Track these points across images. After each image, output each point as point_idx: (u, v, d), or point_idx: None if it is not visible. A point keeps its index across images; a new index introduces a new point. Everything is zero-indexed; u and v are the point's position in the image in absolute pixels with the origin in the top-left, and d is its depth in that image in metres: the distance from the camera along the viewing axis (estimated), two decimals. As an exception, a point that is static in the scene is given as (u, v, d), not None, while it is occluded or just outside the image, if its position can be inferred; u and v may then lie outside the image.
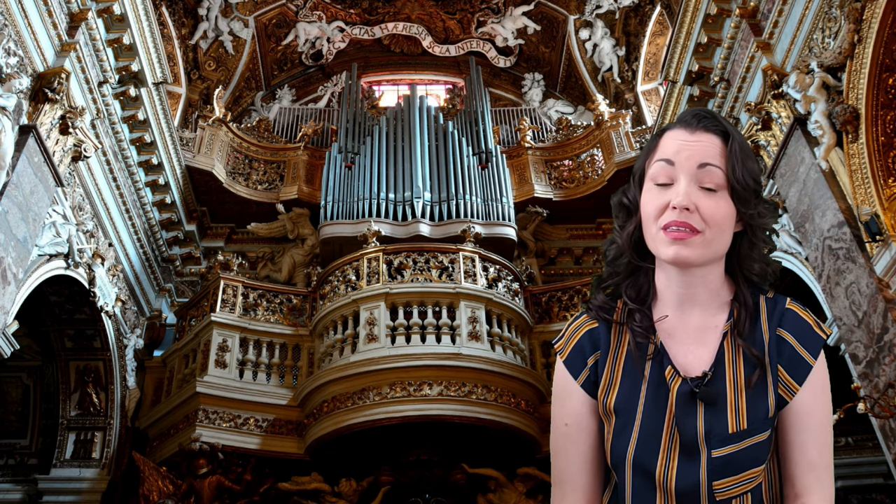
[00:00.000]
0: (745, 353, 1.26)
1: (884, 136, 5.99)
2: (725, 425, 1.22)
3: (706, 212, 1.21)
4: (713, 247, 1.23)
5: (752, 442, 1.21)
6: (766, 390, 1.24)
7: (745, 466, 1.21)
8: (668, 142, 1.28)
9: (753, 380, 1.24)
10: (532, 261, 11.01)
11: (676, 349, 1.29)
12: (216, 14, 12.84)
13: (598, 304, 1.38)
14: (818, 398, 1.26)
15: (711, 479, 1.21)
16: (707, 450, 1.21)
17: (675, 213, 1.21)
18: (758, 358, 1.25)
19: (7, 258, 6.12)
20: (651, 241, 1.26)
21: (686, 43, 8.49)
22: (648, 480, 1.24)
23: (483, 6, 14.49)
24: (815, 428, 1.25)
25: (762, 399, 1.23)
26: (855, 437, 8.52)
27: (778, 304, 1.31)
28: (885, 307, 5.67)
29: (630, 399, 1.28)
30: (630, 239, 1.32)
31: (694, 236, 1.21)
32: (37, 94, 6.66)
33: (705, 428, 1.22)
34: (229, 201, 11.26)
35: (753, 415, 1.22)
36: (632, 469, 1.25)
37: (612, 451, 1.29)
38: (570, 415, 1.35)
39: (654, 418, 1.25)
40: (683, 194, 1.21)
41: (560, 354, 1.38)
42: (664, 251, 1.23)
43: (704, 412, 1.23)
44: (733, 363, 1.26)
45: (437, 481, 8.45)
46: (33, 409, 9.02)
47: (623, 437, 1.26)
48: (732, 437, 1.21)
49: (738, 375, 1.25)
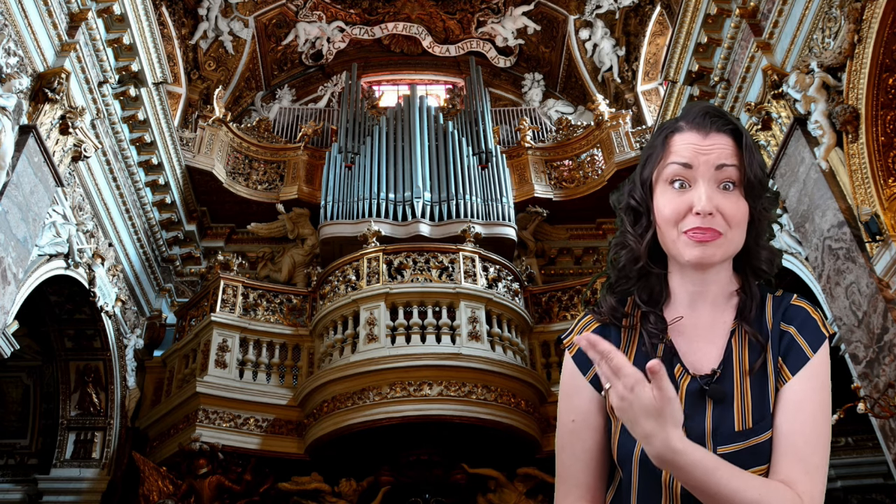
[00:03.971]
0: (751, 340, 1.26)
1: (884, 136, 5.99)
2: (732, 423, 1.22)
3: (728, 213, 1.22)
4: (734, 244, 1.25)
5: (756, 441, 1.21)
6: (767, 383, 1.24)
7: (749, 464, 1.19)
8: (682, 146, 1.27)
9: (756, 367, 1.24)
10: (532, 261, 11.01)
11: (686, 347, 1.30)
12: (216, 14, 12.84)
13: (609, 309, 1.36)
14: (812, 391, 1.22)
15: None
16: (714, 447, 1.21)
17: (698, 218, 1.21)
18: (762, 345, 1.26)
19: (7, 258, 6.12)
20: (672, 244, 1.26)
21: (686, 43, 8.49)
22: (654, 478, 1.24)
23: (483, 6, 14.49)
24: (806, 419, 1.20)
25: (765, 394, 1.23)
26: (855, 437, 8.52)
27: (784, 300, 1.32)
28: (885, 307, 5.67)
29: None
30: (648, 245, 1.31)
31: (717, 238, 1.22)
32: (37, 94, 6.65)
33: (713, 424, 1.22)
34: (229, 201, 11.26)
35: (758, 413, 1.22)
36: (638, 468, 1.25)
37: (619, 448, 1.28)
38: (577, 410, 1.34)
39: None
40: (706, 199, 1.21)
41: (569, 350, 1.37)
42: (689, 253, 1.23)
43: (713, 410, 1.23)
44: (740, 359, 1.26)
45: (437, 481, 8.45)
46: (33, 409, 9.02)
47: (630, 435, 1.22)
48: (738, 434, 1.21)
49: (745, 369, 1.25)
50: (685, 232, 1.22)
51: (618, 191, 1.40)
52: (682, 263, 1.27)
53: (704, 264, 1.25)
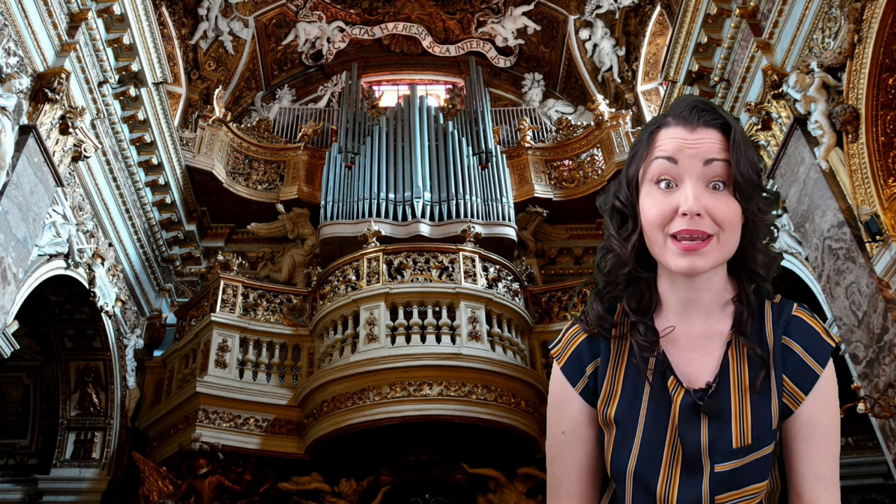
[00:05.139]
0: (750, 354, 1.20)
1: (884, 136, 5.99)
2: (730, 439, 1.16)
3: (717, 213, 1.13)
4: (726, 249, 1.15)
5: (756, 456, 1.17)
6: (769, 400, 1.19)
7: (749, 481, 1.17)
8: (667, 140, 1.18)
9: (758, 383, 1.18)
10: (532, 261, 11.01)
11: (679, 357, 1.23)
12: (216, 14, 12.84)
13: (596, 318, 1.29)
14: (825, 408, 1.20)
15: (714, 494, 1.17)
16: (710, 464, 1.16)
17: (685, 220, 1.12)
18: (762, 359, 1.19)
19: (7, 258, 6.12)
20: (659, 250, 1.17)
21: (686, 43, 8.49)
22: (649, 495, 1.20)
23: (483, 6, 14.49)
24: (822, 438, 1.19)
25: (766, 409, 1.18)
26: (855, 437, 8.52)
27: (784, 309, 1.24)
28: (885, 307, 5.67)
29: (631, 409, 1.22)
30: (633, 249, 1.22)
31: (707, 243, 1.13)
32: (37, 94, 6.65)
33: (709, 441, 1.17)
34: (229, 201, 11.26)
35: (758, 429, 1.17)
36: (632, 482, 1.21)
37: (612, 463, 1.24)
38: (567, 422, 1.29)
39: (655, 431, 1.20)
40: (693, 199, 1.12)
41: (557, 360, 1.31)
42: (676, 262, 1.14)
43: (708, 425, 1.17)
44: (738, 372, 1.19)
45: (437, 481, 8.45)
46: (33, 409, 9.02)
47: (624, 450, 1.22)
48: (737, 451, 1.16)
49: (743, 384, 1.18)
50: (672, 236, 1.13)
51: (604, 192, 1.31)
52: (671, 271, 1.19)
53: (695, 274, 1.16)
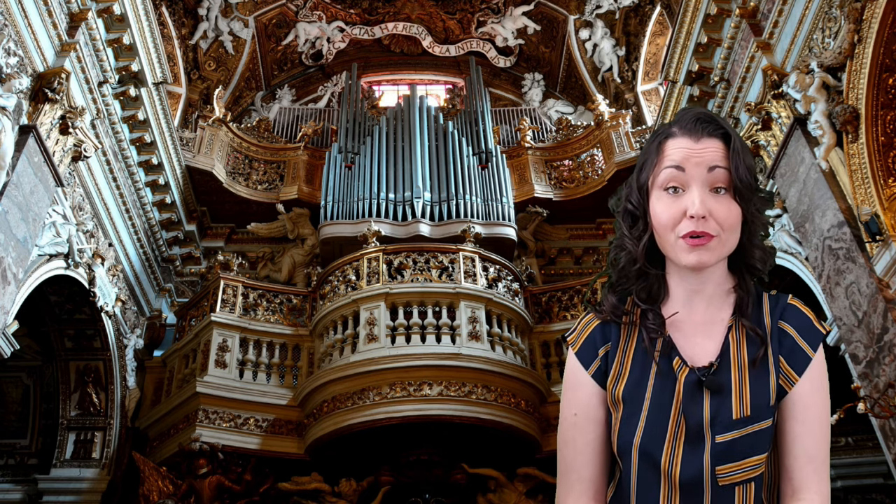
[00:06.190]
0: (750, 335, 1.32)
1: (884, 136, 5.99)
2: (730, 411, 1.27)
3: (720, 216, 1.27)
4: (728, 245, 1.30)
5: (754, 429, 1.26)
6: (767, 377, 1.29)
7: (747, 453, 1.26)
8: (675, 150, 1.32)
9: (757, 360, 1.30)
10: (532, 261, 11.01)
11: (684, 341, 1.35)
12: (216, 14, 12.84)
13: (610, 307, 1.42)
14: (817, 391, 1.31)
15: (714, 465, 1.26)
16: (711, 435, 1.26)
17: (692, 222, 1.27)
18: (761, 338, 1.31)
19: (7, 258, 6.12)
20: (670, 248, 1.32)
21: (686, 43, 8.49)
22: (653, 469, 1.28)
23: (483, 6, 14.49)
24: (813, 420, 1.29)
25: (764, 386, 1.29)
26: (855, 437, 8.52)
27: (780, 299, 1.38)
28: (885, 307, 5.67)
29: (638, 388, 1.32)
30: (644, 248, 1.37)
31: (711, 241, 1.27)
32: (37, 94, 6.65)
33: (710, 414, 1.27)
34: (229, 201, 11.26)
35: (756, 401, 1.27)
36: (638, 456, 1.30)
37: (618, 438, 1.32)
38: (579, 404, 1.39)
39: (661, 407, 1.30)
40: (699, 203, 1.27)
41: (572, 347, 1.43)
42: (686, 258, 1.29)
43: (710, 400, 1.28)
44: (738, 351, 1.32)
45: (437, 481, 8.45)
46: (33, 409, 9.02)
47: (630, 425, 1.31)
48: (736, 422, 1.26)
49: (743, 362, 1.30)
50: (682, 237, 1.28)
51: (616, 195, 1.46)
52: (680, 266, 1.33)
53: (701, 268, 1.31)
